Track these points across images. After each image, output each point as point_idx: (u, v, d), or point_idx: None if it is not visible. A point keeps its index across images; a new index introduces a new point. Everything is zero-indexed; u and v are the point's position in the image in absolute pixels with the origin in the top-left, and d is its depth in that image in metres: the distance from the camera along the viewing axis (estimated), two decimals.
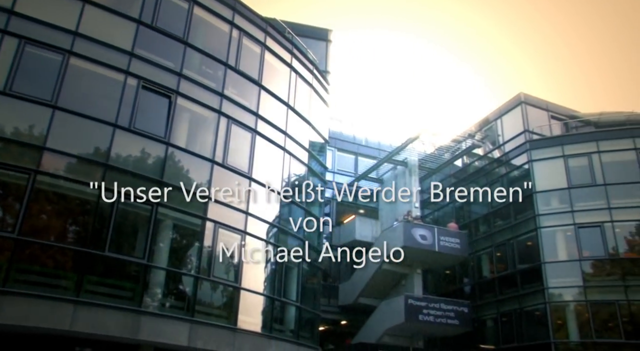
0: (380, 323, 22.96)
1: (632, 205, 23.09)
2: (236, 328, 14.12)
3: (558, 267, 23.43)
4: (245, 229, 15.19)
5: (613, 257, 22.85)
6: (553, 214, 24.15)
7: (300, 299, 17.29)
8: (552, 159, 25.07)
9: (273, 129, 17.26)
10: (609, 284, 22.55)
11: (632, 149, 24.11)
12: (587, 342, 22.07)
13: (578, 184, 24.06)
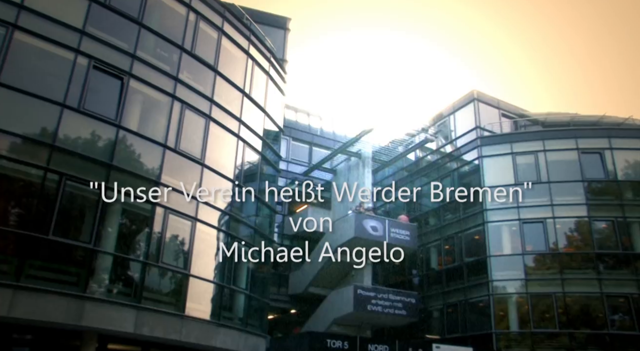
0: (330, 313, 23.20)
1: (573, 203, 24.15)
2: (184, 315, 13.98)
3: (502, 261, 24.28)
4: (196, 216, 15.02)
5: (553, 251, 23.87)
6: (500, 209, 24.95)
7: (250, 287, 17.27)
8: (501, 156, 25.88)
9: (228, 116, 17.07)
10: (548, 277, 23.55)
11: (575, 149, 25.18)
12: (525, 332, 23.04)
13: (524, 180, 24.92)
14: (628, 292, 22.76)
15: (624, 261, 23.58)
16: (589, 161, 25.02)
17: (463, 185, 27.23)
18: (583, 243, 24.14)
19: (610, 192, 24.72)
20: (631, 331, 22.24)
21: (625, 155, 25.07)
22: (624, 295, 22.80)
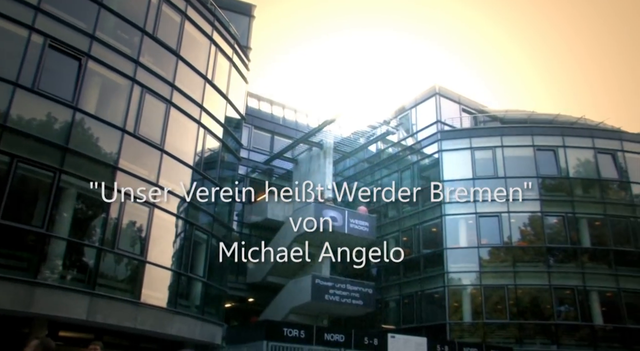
0: (287, 302, 23.28)
1: (527, 198, 24.89)
2: (139, 302, 13.79)
3: (458, 253, 24.85)
4: (154, 202, 14.79)
5: (507, 245, 24.59)
6: (457, 202, 25.48)
7: (208, 275, 17.16)
8: (460, 150, 26.40)
9: (189, 102, 16.82)
10: (501, 270, 24.25)
11: (530, 146, 25.91)
12: (478, 323, 23.70)
13: (482, 175, 25.51)
14: (574, 284, 23.67)
15: (572, 255, 24.48)
16: (544, 158, 25.80)
17: (423, 178, 27.73)
18: (535, 237, 24.94)
19: (562, 188, 25.59)
20: (575, 321, 23.25)
21: (576, 153, 25.96)
22: (570, 287, 23.71)
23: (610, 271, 24.03)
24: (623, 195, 25.85)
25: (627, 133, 27.28)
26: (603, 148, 26.09)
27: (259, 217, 27.33)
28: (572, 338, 23.23)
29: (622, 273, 23.94)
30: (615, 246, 24.44)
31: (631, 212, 25.29)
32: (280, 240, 24.74)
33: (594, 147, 26.01)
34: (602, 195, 25.44)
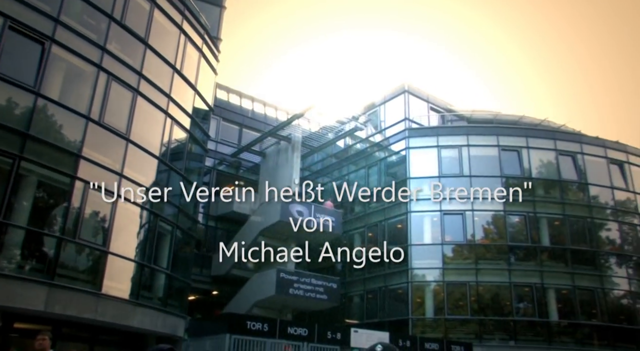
0: (252, 295, 23.23)
1: (491, 197, 25.35)
2: (100, 293, 13.55)
3: (422, 250, 25.18)
4: (119, 192, 14.54)
5: (470, 242, 25.03)
6: (423, 200, 25.80)
7: (171, 267, 16.98)
8: (427, 148, 26.71)
9: (156, 91, 16.56)
10: (464, 267, 24.70)
11: (496, 146, 26.40)
12: (440, 319, 24.11)
13: (448, 174, 25.89)
14: (533, 282, 24.30)
15: (532, 253, 25.10)
16: (508, 158, 26.34)
17: (389, 175, 27.99)
18: (498, 235, 25.47)
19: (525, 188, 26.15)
20: (533, 317, 23.90)
21: (539, 154, 26.58)
22: (529, 284, 24.33)
23: (566, 269, 24.75)
24: (581, 196, 26.62)
25: (586, 136, 28.08)
26: (564, 150, 26.80)
27: (225, 210, 27.15)
28: (529, 334, 23.90)
29: (577, 271, 24.71)
30: (572, 245, 25.17)
31: (588, 213, 26.08)
32: (246, 233, 24.64)
33: (556, 149, 26.68)
34: (562, 196, 26.15)
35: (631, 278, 25.72)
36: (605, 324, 24.06)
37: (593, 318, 24.34)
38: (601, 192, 26.61)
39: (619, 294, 25.64)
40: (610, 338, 23.93)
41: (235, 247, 24.90)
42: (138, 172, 15.50)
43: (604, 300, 24.75)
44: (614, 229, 26.49)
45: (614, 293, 25.49)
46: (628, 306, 25.63)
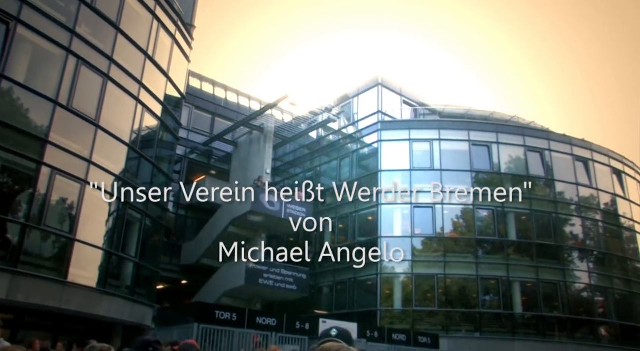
0: (221, 285, 23.13)
1: (461, 191, 25.70)
2: (66, 281, 13.33)
3: (392, 242, 25.38)
4: (87, 178, 14.29)
5: (439, 235, 25.35)
6: (394, 192, 25.98)
7: (140, 255, 16.80)
8: (399, 141, 26.88)
9: (128, 77, 16.28)
10: (432, 260, 25.01)
11: (466, 141, 26.72)
12: (408, 310, 24.41)
13: (419, 167, 26.13)
14: (499, 275, 24.78)
15: (499, 247, 25.57)
16: (478, 153, 26.68)
17: (361, 167, 28.11)
18: (467, 229, 25.85)
19: (494, 183, 26.59)
20: (498, 309, 24.39)
21: (508, 150, 27.01)
22: (496, 277, 24.80)
23: (531, 263, 25.30)
24: (548, 192, 27.18)
25: (554, 133, 28.65)
26: (533, 146, 27.29)
27: (195, 199, 26.91)
28: (494, 326, 24.40)
29: (542, 265, 25.28)
30: (538, 240, 25.72)
31: (554, 208, 26.66)
32: (217, 222, 24.49)
33: (525, 145, 27.15)
34: (529, 191, 26.64)
35: (591, 272, 26.47)
36: (566, 316, 24.73)
37: (555, 311, 24.97)
38: (566, 188, 27.23)
39: (579, 287, 26.38)
40: (570, 330, 24.65)
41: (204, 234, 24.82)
42: (107, 158, 15.26)
43: (565, 293, 25.43)
44: (577, 225, 27.18)
45: (575, 287, 26.21)
46: (587, 299, 26.39)
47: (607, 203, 28.51)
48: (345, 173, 28.51)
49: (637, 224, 29.41)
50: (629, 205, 29.25)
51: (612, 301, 26.49)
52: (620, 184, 29.49)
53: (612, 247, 27.85)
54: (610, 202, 28.65)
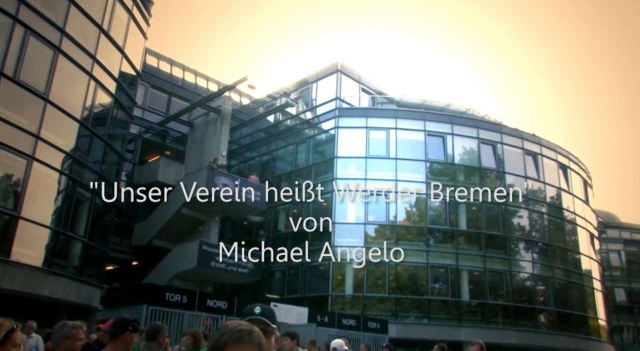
0: (172, 267, 22.85)
1: (414, 180, 26.14)
2: (9, 260, 12.89)
3: (345, 228, 25.63)
4: (34, 154, 13.79)
5: (392, 223, 25.73)
6: (349, 179, 26.20)
7: (89, 235, 16.40)
8: (356, 129, 27.05)
9: (80, 51, 15.73)
10: (384, 247, 25.39)
11: (422, 131, 27.14)
12: (359, 296, 24.77)
13: (374, 155, 26.39)
14: (448, 264, 25.43)
15: (450, 236, 26.20)
16: (433, 143, 27.15)
17: (318, 152, 28.15)
18: (419, 218, 26.34)
19: (447, 173, 27.17)
20: (446, 297, 25.06)
21: (462, 141, 27.59)
22: (445, 266, 25.45)
23: (480, 252, 26.08)
24: (498, 183, 27.96)
25: (507, 127, 29.44)
26: (486, 139, 27.97)
27: (149, 179, 26.41)
28: (442, 313, 25.09)
29: (489, 254, 26.10)
30: (487, 230, 26.49)
31: (503, 200, 27.48)
32: (170, 203, 24.12)
33: (478, 137, 27.78)
34: (481, 183, 27.35)
35: (535, 262, 27.51)
36: (510, 304, 25.67)
37: (500, 299, 25.86)
38: (516, 180, 28.08)
39: (523, 276, 27.40)
40: (513, 317, 25.63)
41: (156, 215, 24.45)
42: (57, 135, 14.77)
43: (510, 281, 26.36)
44: (524, 216, 28.15)
45: (519, 276, 27.21)
46: (530, 287, 27.47)
47: (553, 197, 29.62)
48: (301, 158, 28.51)
49: (579, 217, 30.72)
50: (572, 199, 30.48)
51: (551, 290, 27.67)
52: (565, 178, 30.67)
53: (555, 238, 29.03)
54: (555, 196, 29.77)
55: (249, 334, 1.81)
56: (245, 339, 1.79)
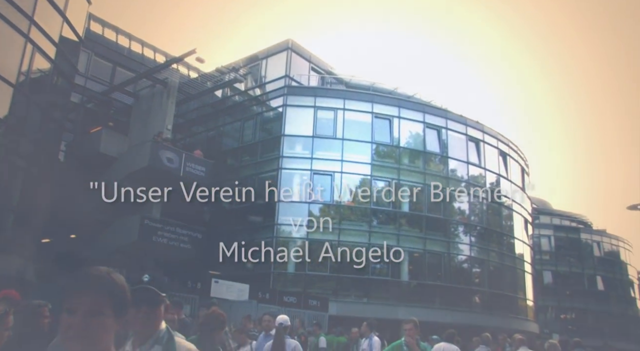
0: (113, 240, 22.37)
1: (360, 161, 26.47)
2: None
3: (290, 207, 25.73)
4: None
5: (337, 203, 26.03)
6: (295, 158, 26.23)
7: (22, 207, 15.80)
8: (304, 107, 27.02)
9: (15, 11, 14.91)
10: (328, 226, 25.67)
11: (370, 112, 27.41)
12: (300, 274, 25.03)
13: (321, 135, 26.49)
14: (390, 244, 26.00)
15: (392, 218, 26.75)
16: (380, 125, 27.49)
17: (265, 130, 27.99)
18: (363, 198, 26.72)
19: (392, 156, 27.61)
20: (386, 277, 25.68)
21: (408, 125, 28.07)
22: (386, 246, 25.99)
23: (420, 234, 26.79)
24: (441, 168, 28.70)
25: (452, 113, 30.10)
26: (431, 123, 28.55)
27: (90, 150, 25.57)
28: (382, 292, 25.71)
29: (429, 237, 26.86)
30: (428, 213, 27.20)
31: (445, 184, 28.24)
32: (112, 176, 23.45)
33: (424, 122, 28.33)
34: (425, 166, 27.98)
35: (473, 245, 28.55)
36: (447, 285, 26.59)
37: (438, 280, 26.72)
38: (458, 166, 28.89)
39: (461, 259, 28.40)
40: (449, 297, 26.57)
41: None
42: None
43: (448, 263, 27.27)
44: (465, 201, 29.06)
45: (457, 258, 28.19)
46: (467, 269, 28.53)
47: (492, 183, 30.68)
48: (248, 135, 28.29)
49: (515, 203, 32.02)
50: (510, 186, 31.70)
51: (486, 272, 28.84)
52: (504, 165, 31.80)
53: (492, 223, 30.17)
54: (495, 182, 30.85)
55: (95, 279, 1.68)
56: (92, 285, 1.66)
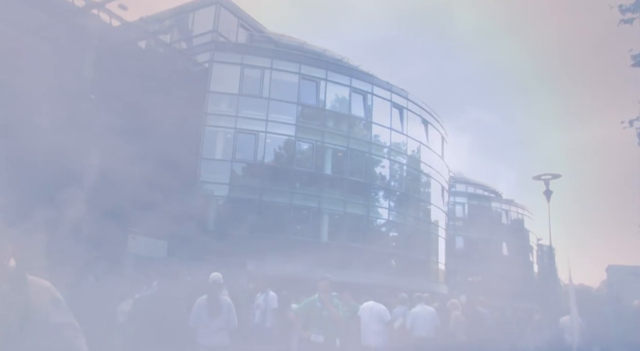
0: None
1: (285, 122, 26.38)
2: None
3: (213, 165, 25.33)
4: None
5: (260, 163, 25.89)
6: (219, 116, 25.71)
7: None
8: (231, 65, 26.38)
9: None
10: (250, 185, 25.58)
11: (297, 73, 27.22)
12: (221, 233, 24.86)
13: (247, 93, 26.07)
14: (311, 206, 26.34)
15: (315, 179, 27.02)
16: (307, 87, 27.41)
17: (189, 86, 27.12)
18: (287, 159, 26.74)
19: (317, 118, 27.71)
20: (309, 237, 26.05)
21: (335, 88, 28.18)
22: (308, 207, 26.34)
23: (342, 197, 27.28)
24: (365, 133, 29.17)
25: (378, 79, 30.49)
26: (357, 88, 28.81)
27: None
28: (304, 251, 26.05)
29: (350, 200, 27.41)
30: (350, 176, 27.70)
31: (368, 149, 28.80)
32: None
33: (351, 86, 28.53)
34: (349, 130, 28.33)
35: (391, 209, 29.47)
36: (365, 246, 27.35)
37: (357, 242, 27.42)
38: (382, 131, 29.46)
39: (380, 222, 29.27)
40: (366, 259, 27.36)
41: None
42: None
43: (367, 226, 28.03)
44: (386, 166, 29.80)
45: (376, 221, 29.02)
46: (385, 233, 29.50)
47: (414, 150, 31.62)
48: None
49: (433, 170, 33.24)
50: (430, 153, 32.81)
51: (403, 236, 29.95)
52: (425, 134, 32.80)
53: (411, 189, 31.19)
54: (416, 149, 31.80)
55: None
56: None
